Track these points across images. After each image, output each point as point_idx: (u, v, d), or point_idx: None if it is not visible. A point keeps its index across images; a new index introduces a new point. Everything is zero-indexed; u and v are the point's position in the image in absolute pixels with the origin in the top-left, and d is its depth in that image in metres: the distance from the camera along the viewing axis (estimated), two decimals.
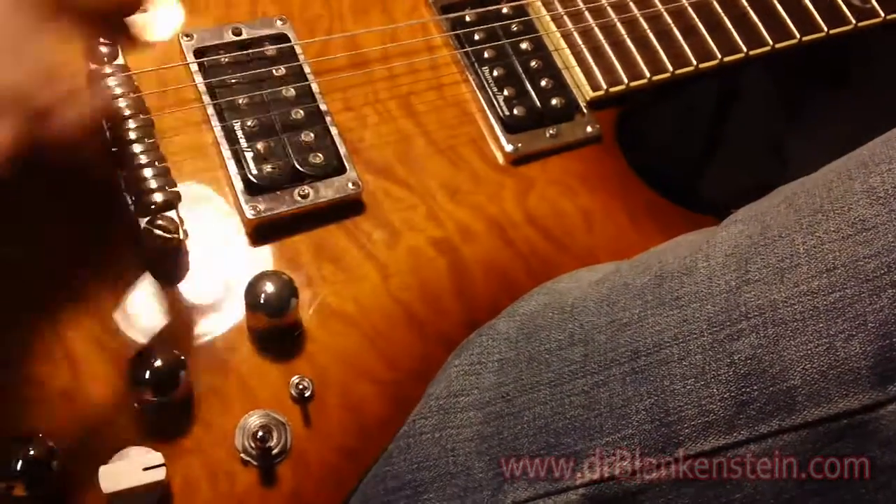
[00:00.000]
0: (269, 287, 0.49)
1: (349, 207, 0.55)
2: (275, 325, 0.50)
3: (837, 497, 0.41)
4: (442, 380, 0.51)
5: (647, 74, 0.62)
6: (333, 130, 0.56)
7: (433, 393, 0.51)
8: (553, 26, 0.63)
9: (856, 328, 0.40)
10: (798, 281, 0.42)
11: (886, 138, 0.45)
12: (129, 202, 0.51)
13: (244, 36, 0.59)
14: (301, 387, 0.49)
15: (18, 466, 0.44)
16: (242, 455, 0.48)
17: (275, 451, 0.48)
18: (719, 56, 0.64)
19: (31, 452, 0.44)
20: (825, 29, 0.66)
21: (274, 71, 0.58)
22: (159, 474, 0.45)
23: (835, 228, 0.43)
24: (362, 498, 0.50)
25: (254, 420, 0.49)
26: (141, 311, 0.50)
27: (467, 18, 0.63)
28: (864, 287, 0.41)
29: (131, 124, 0.53)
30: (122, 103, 0.53)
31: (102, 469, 0.44)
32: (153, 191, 0.51)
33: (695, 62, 0.63)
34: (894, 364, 0.39)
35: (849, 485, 0.41)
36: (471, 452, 0.48)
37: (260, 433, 0.48)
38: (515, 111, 0.60)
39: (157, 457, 0.45)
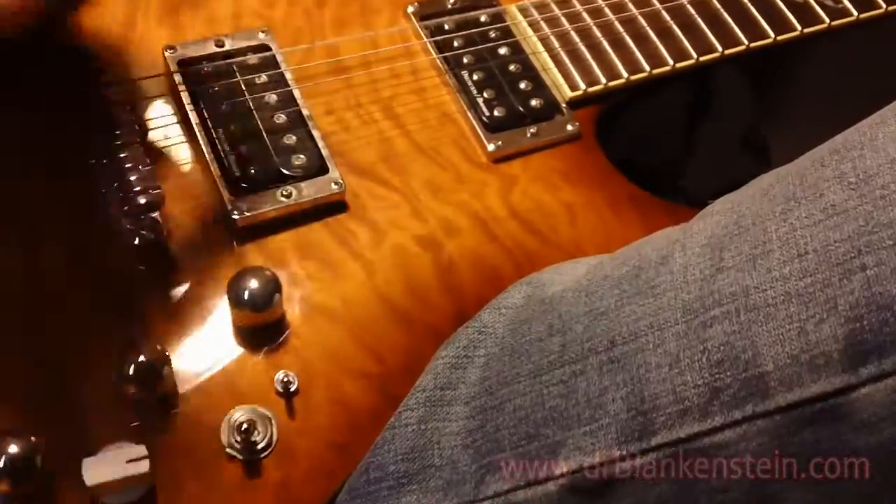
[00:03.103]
0: (253, 283, 0.49)
1: (333, 207, 0.55)
2: (259, 321, 0.50)
3: (816, 483, 0.41)
4: (429, 372, 0.51)
5: (625, 74, 0.63)
6: (315, 133, 0.57)
7: (420, 385, 0.51)
8: (530, 31, 0.65)
9: (827, 312, 0.40)
10: (770, 267, 0.42)
11: (859, 126, 0.45)
12: (116, 203, 0.52)
13: (227, 47, 0.60)
14: (286, 381, 0.49)
15: (2, 463, 0.44)
16: (228, 450, 0.48)
17: (260, 445, 0.48)
18: (695, 56, 0.65)
19: (16, 449, 0.44)
20: (799, 28, 0.67)
21: (256, 79, 0.59)
22: (143, 467, 0.44)
23: (806, 214, 0.43)
24: (347, 489, 0.49)
25: (238, 415, 0.48)
26: (126, 308, 0.50)
27: (446, 26, 0.64)
28: (835, 271, 0.40)
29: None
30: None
31: (85, 461, 0.44)
32: (138, 193, 0.52)
33: (671, 62, 0.64)
34: (865, 347, 0.39)
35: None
36: (456, 446, 0.48)
37: (244, 426, 0.47)
38: (496, 112, 0.61)
39: (140, 449, 0.45)
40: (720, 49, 0.65)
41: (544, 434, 0.45)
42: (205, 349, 0.50)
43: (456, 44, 0.63)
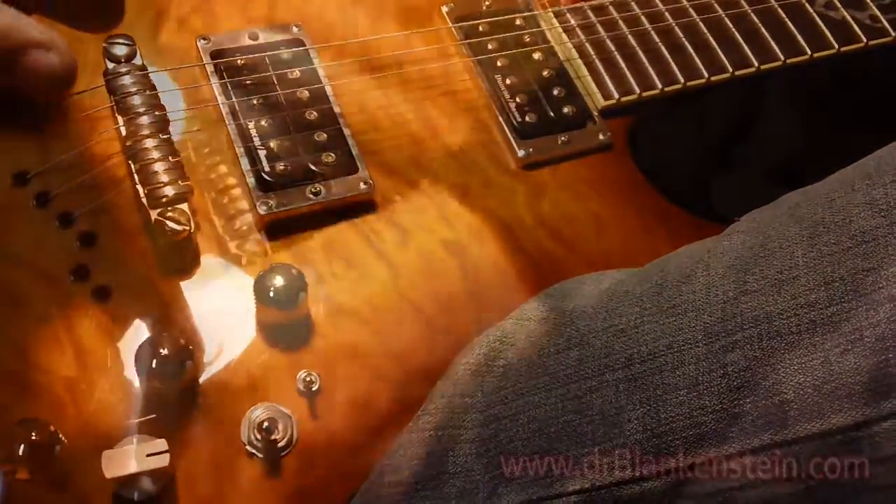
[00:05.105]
0: (279, 280, 0.49)
1: (361, 207, 0.55)
2: (284, 319, 0.50)
3: None
4: (449, 377, 0.51)
5: (659, 85, 0.62)
6: (346, 131, 0.57)
7: (440, 390, 0.50)
8: (565, 37, 0.64)
9: (851, 343, 0.39)
10: (796, 293, 0.42)
11: (892, 149, 0.45)
12: (142, 195, 0.51)
13: (261, 40, 0.59)
14: (308, 380, 0.49)
15: (21, 450, 0.43)
16: (248, 447, 0.47)
17: (280, 444, 0.48)
18: (730, 69, 0.64)
19: (34, 437, 0.44)
20: (836, 46, 0.67)
21: (289, 74, 0.58)
22: (163, 461, 0.44)
23: (835, 241, 0.42)
24: (361, 492, 0.49)
25: (259, 412, 0.48)
26: (150, 302, 0.50)
27: (481, 28, 0.64)
28: (862, 301, 0.40)
29: (145, 120, 0.53)
30: (136, 100, 0.54)
31: (105, 454, 0.44)
32: (165, 184, 0.51)
33: (706, 74, 0.64)
34: (889, 380, 0.39)
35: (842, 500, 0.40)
36: (471, 454, 0.48)
37: (265, 424, 0.47)
38: (527, 118, 0.60)
39: (161, 443, 0.45)
40: (756, 63, 0.65)
41: (557, 448, 0.45)
42: (228, 345, 0.50)
43: (490, 47, 0.63)
